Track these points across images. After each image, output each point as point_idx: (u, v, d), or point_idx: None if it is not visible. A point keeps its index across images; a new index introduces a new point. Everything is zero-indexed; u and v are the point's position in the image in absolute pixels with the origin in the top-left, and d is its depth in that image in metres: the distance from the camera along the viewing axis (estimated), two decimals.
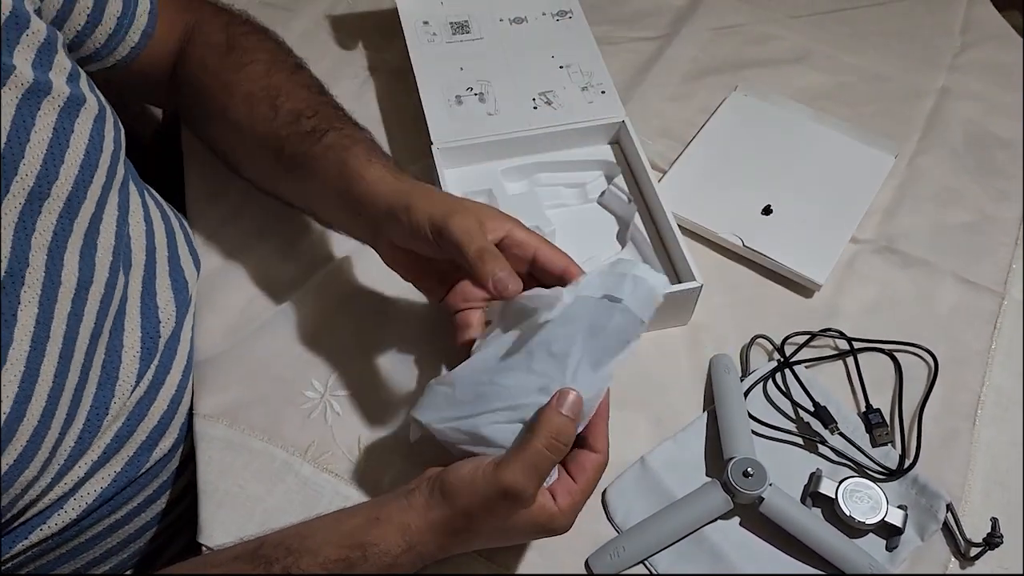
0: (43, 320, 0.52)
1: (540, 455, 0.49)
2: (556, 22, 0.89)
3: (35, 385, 0.51)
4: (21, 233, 0.51)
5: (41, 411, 0.51)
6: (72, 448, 0.57)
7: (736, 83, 0.90)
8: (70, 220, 0.54)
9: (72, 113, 0.55)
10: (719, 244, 0.77)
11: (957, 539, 0.61)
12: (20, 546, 0.58)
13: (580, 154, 0.81)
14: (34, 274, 0.51)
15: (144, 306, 0.64)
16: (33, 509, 0.57)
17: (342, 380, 0.68)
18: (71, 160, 0.54)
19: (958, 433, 0.67)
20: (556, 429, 0.49)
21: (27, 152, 0.51)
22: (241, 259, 0.75)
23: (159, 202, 0.73)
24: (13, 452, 0.50)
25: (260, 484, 0.62)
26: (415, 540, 0.50)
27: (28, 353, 0.50)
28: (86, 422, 0.58)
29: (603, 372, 0.51)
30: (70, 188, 0.54)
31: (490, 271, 0.52)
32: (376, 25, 0.96)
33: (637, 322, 0.52)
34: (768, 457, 0.61)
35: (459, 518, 0.50)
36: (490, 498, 0.49)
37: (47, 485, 0.56)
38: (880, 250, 0.78)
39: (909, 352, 0.71)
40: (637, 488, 0.63)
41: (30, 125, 0.51)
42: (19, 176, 0.50)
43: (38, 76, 0.52)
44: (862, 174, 0.82)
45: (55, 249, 0.53)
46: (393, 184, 0.59)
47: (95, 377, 0.58)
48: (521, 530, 0.51)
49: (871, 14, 1.01)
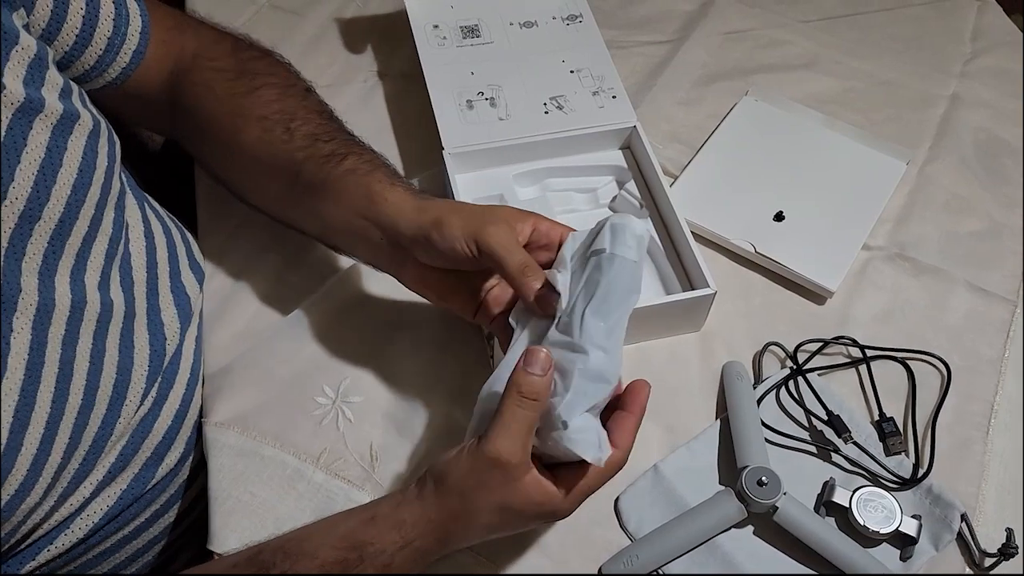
0: (36, 346, 0.50)
1: (512, 414, 0.48)
2: (566, 26, 0.89)
3: (31, 413, 0.50)
4: (11, 258, 0.49)
5: (40, 439, 0.50)
6: (77, 470, 0.56)
7: (746, 88, 0.90)
8: (62, 242, 0.53)
9: (65, 130, 0.53)
10: (730, 250, 0.77)
11: (972, 549, 0.61)
12: (28, 567, 0.57)
13: (591, 159, 0.81)
14: (27, 299, 0.50)
15: (150, 322, 0.63)
16: (39, 531, 0.56)
17: (353, 387, 0.67)
18: (63, 180, 0.52)
19: (971, 442, 0.66)
20: (519, 383, 0.48)
21: (17, 175, 0.49)
22: (252, 267, 0.75)
23: (160, 214, 0.71)
24: (14, 483, 0.49)
25: (272, 491, 0.62)
26: (411, 535, 0.49)
27: (22, 381, 0.49)
28: (92, 443, 0.57)
29: (614, 320, 0.51)
30: (62, 210, 0.52)
31: (532, 287, 0.53)
32: (385, 29, 0.96)
33: (629, 264, 0.52)
34: (781, 465, 0.61)
35: (453, 500, 0.49)
36: (480, 471, 0.48)
37: (51, 508, 0.55)
38: (892, 257, 0.78)
39: (922, 360, 0.71)
40: (650, 496, 0.62)
41: (21, 146, 0.50)
42: (8, 200, 0.49)
43: (30, 93, 0.51)
44: (874, 181, 0.82)
45: (45, 272, 0.52)
46: (419, 203, 0.58)
47: (104, 397, 0.57)
48: (519, 509, 0.49)
49: (881, 19, 1.01)
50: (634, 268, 0.52)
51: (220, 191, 0.73)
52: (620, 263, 0.52)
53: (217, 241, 0.77)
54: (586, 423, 0.50)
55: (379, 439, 0.65)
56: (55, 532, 0.57)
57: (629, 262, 0.52)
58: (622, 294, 0.52)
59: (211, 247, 0.76)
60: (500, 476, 0.48)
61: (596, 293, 0.51)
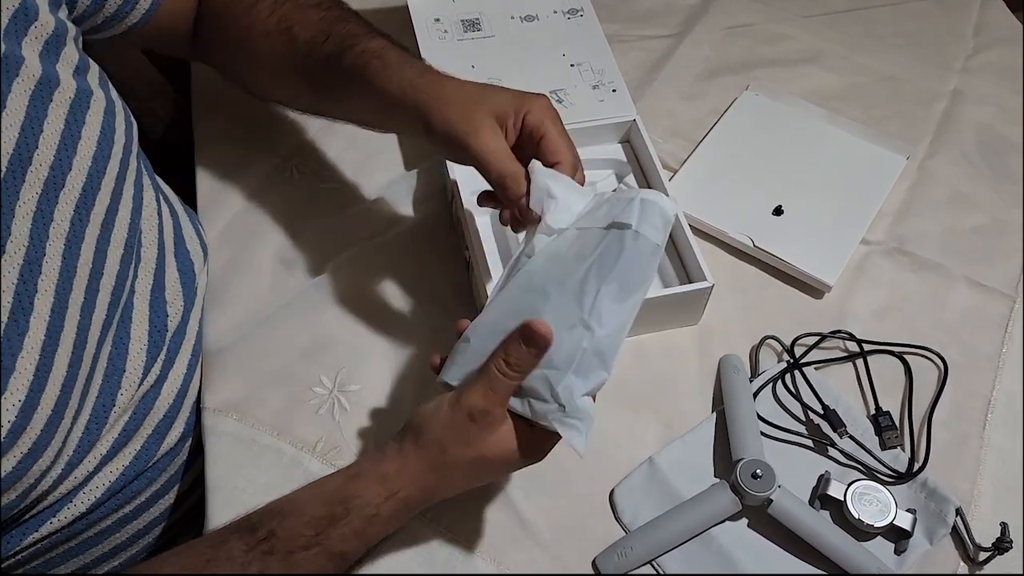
0: (58, 309, 0.52)
1: (495, 377, 0.49)
2: (567, 20, 0.89)
3: (49, 374, 0.51)
4: (39, 222, 0.51)
5: (55, 400, 0.52)
6: (80, 439, 0.57)
7: (748, 83, 0.90)
8: (87, 211, 0.55)
9: (82, 107, 0.55)
10: (729, 244, 0.77)
11: (966, 543, 0.61)
12: (30, 538, 0.58)
13: (591, 153, 0.81)
14: (51, 263, 0.52)
15: (153, 299, 0.65)
16: (44, 502, 0.57)
17: (350, 376, 0.68)
18: (83, 152, 0.54)
19: (968, 437, 0.66)
20: (509, 353, 0.49)
21: (40, 143, 0.51)
22: (250, 254, 0.75)
23: (168, 196, 0.73)
24: (28, 441, 0.50)
25: (269, 479, 0.62)
26: (395, 486, 0.51)
27: (43, 342, 0.50)
28: (92, 413, 0.58)
29: (627, 304, 0.50)
30: (84, 179, 0.54)
31: (514, 195, 0.55)
32: (387, 22, 0.94)
33: (652, 246, 0.50)
34: (776, 458, 0.61)
35: (433, 452, 0.51)
36: (458, 425, 0.50)
37: (58, 476, 0.56)
38: (891, 252, 0.78)
39: (919, 355, 0.71)
40: (645, 488, 0.63)
41: (42, 117, 0.52)
42: (33, 166, 0.51)
43: (46, 69, 0.52)
44: (873, 176, 0.82)
45: (73, 239, 0.53)
46: (412, 97, 0.59)
47: (102, 368, 0.58)
48: (497, 458, 0.51)
49: (884, 15, 1.01)
50: (655, 251, 0.50)
51: (218, 179, 0.73)
52: (643, 244, 0.49)
53: (216, 227, 0.77)
54: (584, 407, 0.49)
55: (375, 429, 0.65)
56: (59, 504, 0.58)
57: (652, 244, 0.50)
58: (639, 278, 0.50)
59: (210, 233, 0.77)
60: (477, 429, 0.50)
61: (614, 271, 0.49)
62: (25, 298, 0.50)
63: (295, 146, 0.84)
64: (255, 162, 0.82)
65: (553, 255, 0.53)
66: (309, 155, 0.83)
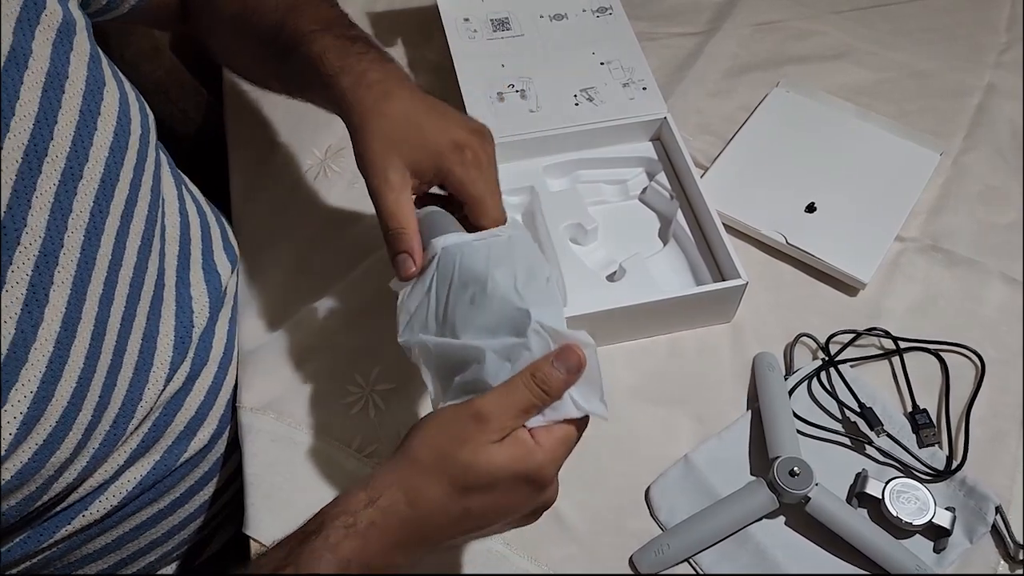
0: (75, 301, 0.52)
1: (517, 388, 0.46)
2: (596, 18, 0.89)
3: (65, 366, 0.51)
4: (58, 214, 0.51)
5: (71, 392, 0.51)
6: (108, 433, 0.57)
7: (778, 79, 0.90)
8: (107, 202, 0.55)
9: (96, 98, 0.55)
10: (762, 241, 0.77)
11: (1006, 541, 0.60)
12: (63, 531, 0.59)
13: (622, 151, 0.81)
14: (69, 255, 0.51)
15: (179, 295, 0.65)
16: (74, 495, 0.58)
17: (384, 374, 0.68)
18: (100, 142, 0.54)
19: (1006, 434, 0.66)
20: (537, 369, 0.47)
21: (56, 133, 0.51)
22: (283, 253, 0.76)
23: (195, 196, 0.73)
24: (43, 431, 0.50)
25: (306, 477, 0.63)
26: (376, 491, 0.46)
27: (59, 333, 0.50)
28: (121, 407, 0.58)
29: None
30: (102, 170, 0.54)
31: (392, 251, 0.56)
32: (416, 22, 0.96)
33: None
34: (813, 457, 0.60)
35: (423, 452, 0.46)
36: (459, 420, 0.46)
37: (83, 469, 0.56)
38: (925, 249, 0.77)
39: (955, 352, 0.70)
40: (681, 486, 0.63)
41: (56, 108, 0.51)
42: (50, 157, 0.50)
43: (59, 60, 0.52)
44: (907, 172, 0.81)
45: (93, 230, 0.53)
46: (346, 109, 0.58)
47: (131, 361, 0.58)
48: (500, 465, 0.45)
49: (914, 9, 1.00)
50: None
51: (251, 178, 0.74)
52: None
53: (250, 226, 0.78)
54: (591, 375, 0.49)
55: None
56: (90, 498, 0.59)
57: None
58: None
59: (244, 232, 0.77)
60: (478, 430, 0.45)
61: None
62: (40, 290, 0.49)
63: (327, 146, 0.84)
64: (287, 163, 0.83)
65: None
66: (341, 155, 0.83)
